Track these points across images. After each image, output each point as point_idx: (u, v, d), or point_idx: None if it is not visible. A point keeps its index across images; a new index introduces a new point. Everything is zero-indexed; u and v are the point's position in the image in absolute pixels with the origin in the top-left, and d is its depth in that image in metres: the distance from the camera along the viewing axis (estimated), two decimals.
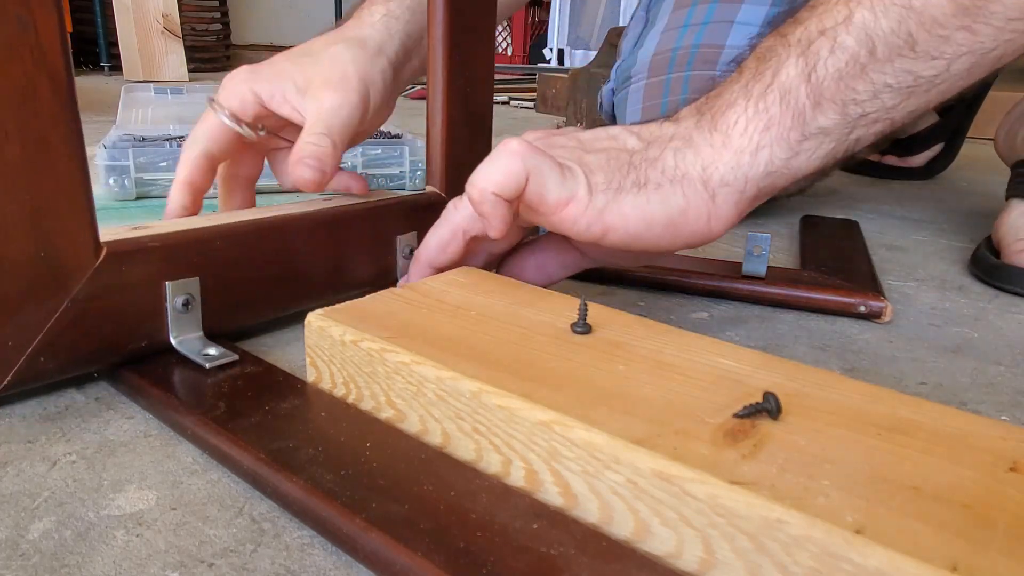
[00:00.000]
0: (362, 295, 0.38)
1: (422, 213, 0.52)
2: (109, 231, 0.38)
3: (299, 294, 0.47)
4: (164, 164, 0.81)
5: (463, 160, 0.55)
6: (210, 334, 0.41)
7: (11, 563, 0.27)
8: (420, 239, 0.45)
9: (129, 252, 0.37)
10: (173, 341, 0.40)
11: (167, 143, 0.82)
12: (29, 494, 0.31)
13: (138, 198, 0.81)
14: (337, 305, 0.36)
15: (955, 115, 1.13)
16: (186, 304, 0.40)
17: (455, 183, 0.55)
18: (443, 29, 0.50)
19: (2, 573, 0.26)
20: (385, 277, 0.52)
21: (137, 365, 0.39)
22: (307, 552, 0.28)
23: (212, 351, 0.39)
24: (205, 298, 0.41)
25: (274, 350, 0.46)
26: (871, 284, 0.57)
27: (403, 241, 0.52)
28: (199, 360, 0.38)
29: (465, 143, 0.55)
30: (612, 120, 0.87)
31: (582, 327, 0.34)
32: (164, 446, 0.35)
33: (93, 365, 0.38)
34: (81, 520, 0.29)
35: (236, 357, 0.39)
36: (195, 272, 0.40)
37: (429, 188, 0.55)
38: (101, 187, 0.80)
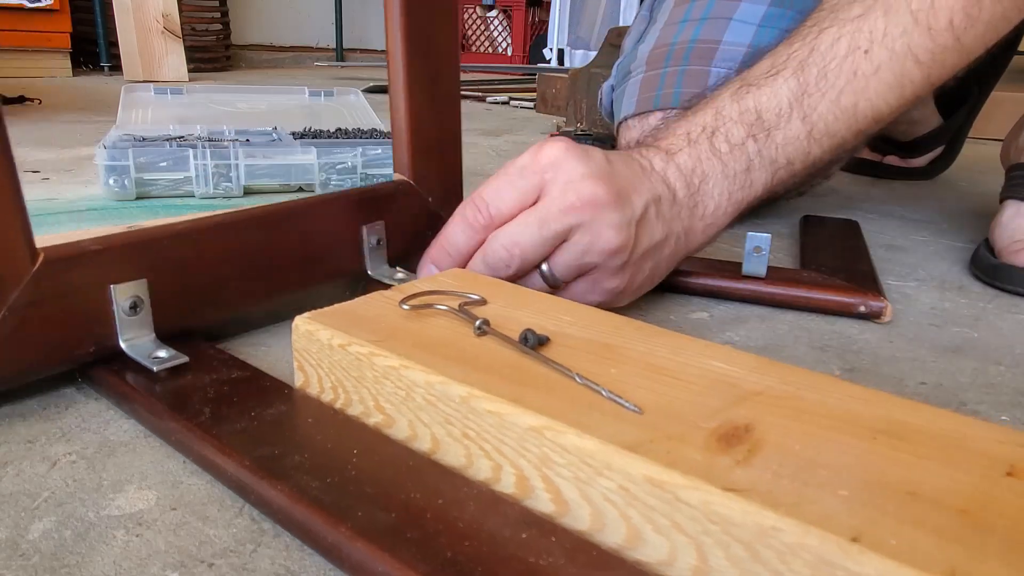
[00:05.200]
0: (333, 287, 0.37)
1: (388, 202, 0.51)
2: (61, 236, 0.38)
3: (265, 289, 0.46)
4: (164, 164, 0.81)
5: (432, 145, 0.53)
6: (182, 334, 0.40)
7: (11, 563, 0.27)
8: (388, 229, 0.44)
9: (69, 257, 0.37)
10: (123, 344, 0.39)
11: (167, 143, 0.82)
12: (29, 494, 0.31)
13: (138, 198, 0.81)
14: (325, 308, 0.36)
15: (958, 117, 1.12)
16: (134, 307, 0.39)
17: (424, 170, 0.54)
18: (399, 4, 0.49)
19: (2, 573, 0.26)
20: (352, 268, 0.50)
21: (121, 370, 0.38)
22: (307, 552, 0.28)
23: (162, 353, 0.38)
24: (160, 299, 0.40)
25: (274, 350, 0.46)
26: (871, 284, 0.57)
27: (370, 231, 0.51)
28: (147, 363, 0.37)
29: (433, 127, 0.53)
30: (611, 117, 0.87)
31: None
32: (164, 446, 0.35)
33: (41, 373, 0.38)
34: (81, 520, 0.29)
35: (186, 359, 0.38)
36: (143, 274, 0.39)
37: (397, 176, 0.54)
38: (101, 187, 0.80)
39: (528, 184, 0.43)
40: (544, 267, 0.44)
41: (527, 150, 0.44)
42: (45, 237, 0.48)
